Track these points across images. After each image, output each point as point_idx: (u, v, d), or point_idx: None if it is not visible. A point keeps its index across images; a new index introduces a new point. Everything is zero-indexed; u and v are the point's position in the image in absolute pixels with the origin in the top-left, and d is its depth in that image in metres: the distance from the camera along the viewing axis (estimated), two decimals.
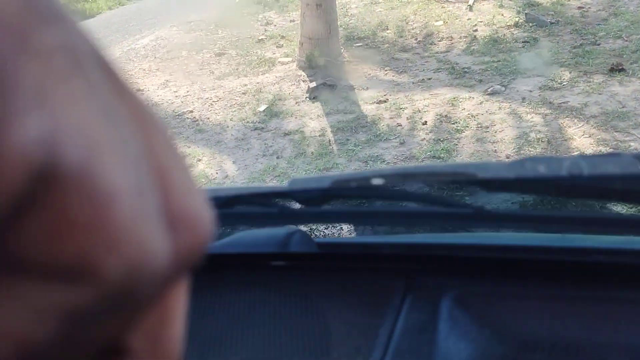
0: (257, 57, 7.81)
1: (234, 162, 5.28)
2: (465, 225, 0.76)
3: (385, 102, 5.94)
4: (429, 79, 6.36)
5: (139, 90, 0.20)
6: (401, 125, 5.41)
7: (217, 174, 5.13)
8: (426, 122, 5.37)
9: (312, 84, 6.42)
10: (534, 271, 0.80)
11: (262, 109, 6.17)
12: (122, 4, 13.61)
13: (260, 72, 7.29)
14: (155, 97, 6.94)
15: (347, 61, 7.17)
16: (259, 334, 0.82)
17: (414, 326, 0.73)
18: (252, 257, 0.92)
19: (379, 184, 0.68)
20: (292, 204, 0.81)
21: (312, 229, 1.09)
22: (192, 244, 0.19)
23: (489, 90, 5.76)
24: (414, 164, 4.65)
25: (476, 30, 7.54)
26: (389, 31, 8.05)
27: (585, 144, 4.56)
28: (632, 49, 6.20)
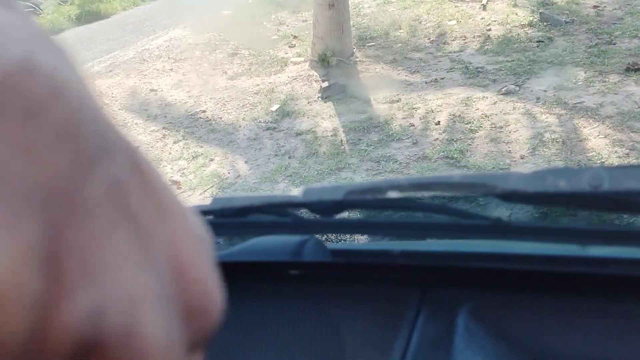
0: (270, 57, 7.82)
1: (246, 162, 5.28)
2: (482, 238, 0.75)
3: (397, 101, 5.92)
4: (442, 79, 6.32)
5: (167, 180, 0.20)
6: (414, 125, 5.38)
7: (229, 173, 5.13)
8: (439, 122, 5.34)
9: (325, 84, 6.41)
10: (553, 283, 0.78)
11: (274, 108, 6.18)
12: (136, 5, 13.70)
13: (272, 72, 7.29)
14: (168, 97, 6.98)
15: (360, 61, 7.15)
16: (271, 344, 0.81)
17: (429, 340, 0.72)
18: (264, 265, 0.91)
19: (394, 195, 0.67)
20: (306, 213, 0.80)
21: (326, 236, 1.08)
22: (204, 328, 0.20)
23: (503, 90, 5.72)
24: (427, 164, 4.62)
25: (490, 29, 7.49)
26: (401, 31, 8.02)
27: (600, 144, 4.50)
28: None
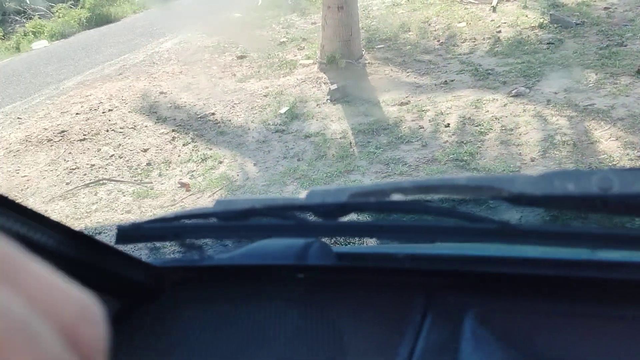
0: (279, 59, 7.83)
1: (255, 164, 5.28)
2: (489, 241, 0.73)
3: (407, 104, 5.90)
4: (452, 81, 6.30)
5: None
6: (423, 127, 5.36)
7: (238, 175, 5.13)
8: (449, 124, 5.31)
9: (333, 86, 6.40)
10: (562, 287, 0.76)
11: (283, 111, 6.18)
12: (146, 8, 13.76)
13: (281, 75, 7.30)
14: (178, 99, 6.99)
15: (369, 63, 7.14)
16: (274, 348, 0.80)
17: (435, 345, 0.70)
18: (269, 268, 0.90)
19: (398, 197, 0.66)
20: (309, 216, 0.79)
21: (332, 239, 1.06)
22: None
23: (513, 92, 5.68)
24: (437, 167, 4.60)
25: (500, 31, 7.45)
26: (411, 33, 8.00)
27: (612, 147, 4.46)
28: None
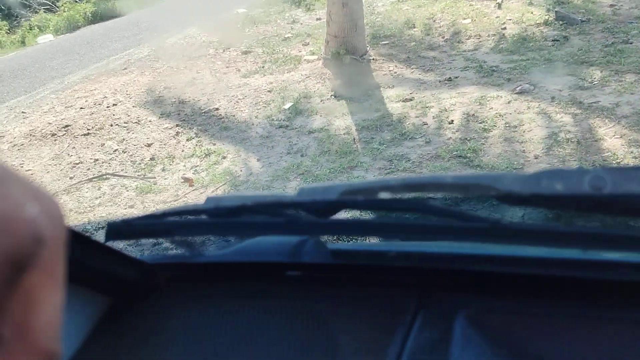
0: (283, 55, 7.82)
1: (258, 160, 5.28)
2: (481, 240, 0.72)
3: (411, 100, 5.88)
4: (456, 78, 6.27)
5: None
6: (427, 124, 5.34)
7: (241, 171, 5.13)
8: (453, 121, 5.29)
9: (338, 82, 6.39)
10: (555, 287, 0.75)
11: (287, 106, 6.17)
12: (151, 4, 13.76)
13: (285, 70, 7.28)
14: (182, 94, 6.99)
15: (373, 59, 7.12)
16: (265, 346, 0.80)
17: (424, 345, 0.70)
18: (262, 266, 0.90)
19: (387, 195, 0.65)
20: (300, 213, 0.78)
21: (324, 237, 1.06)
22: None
23: (518, 89, 5.65)
24: (440, 163, 4.59)
25: (505, 28, 7.42)
26: (415, 29, 7.97)
27: (616, 144, 4.44)
28: None
